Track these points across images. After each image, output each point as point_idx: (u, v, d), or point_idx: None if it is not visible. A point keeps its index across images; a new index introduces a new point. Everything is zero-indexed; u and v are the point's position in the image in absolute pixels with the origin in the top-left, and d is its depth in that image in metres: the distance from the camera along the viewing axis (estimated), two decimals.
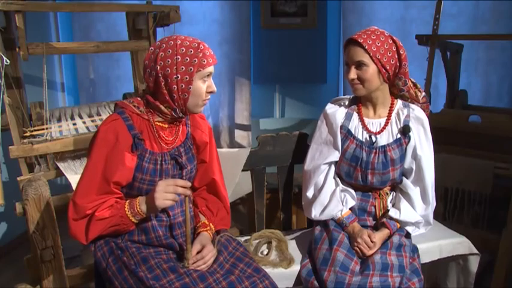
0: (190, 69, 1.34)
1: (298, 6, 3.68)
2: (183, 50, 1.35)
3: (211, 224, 1.54)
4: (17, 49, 2.01)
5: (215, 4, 3.56)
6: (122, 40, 2.64)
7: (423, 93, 1.72)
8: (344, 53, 1.63)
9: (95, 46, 2.19)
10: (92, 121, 2.24)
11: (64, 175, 2.04)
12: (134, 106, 1.43)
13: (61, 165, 2.04)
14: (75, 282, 1.95)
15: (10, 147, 1.85)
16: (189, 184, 1.39)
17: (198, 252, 1.41)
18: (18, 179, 1.89)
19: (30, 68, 2.48)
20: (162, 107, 1.40)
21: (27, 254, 1.79)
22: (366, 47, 1.54)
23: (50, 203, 1.67)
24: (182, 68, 1.34)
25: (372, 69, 1.57)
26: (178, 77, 1.34)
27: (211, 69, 1.39)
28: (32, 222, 1.65)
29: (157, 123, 1.44)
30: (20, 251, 2.89)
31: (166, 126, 1.46)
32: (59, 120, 2.26)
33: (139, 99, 1.46)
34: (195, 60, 1.34)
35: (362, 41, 1.55)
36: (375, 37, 1.56)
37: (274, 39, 3.74)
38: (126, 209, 1.36)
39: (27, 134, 2.01)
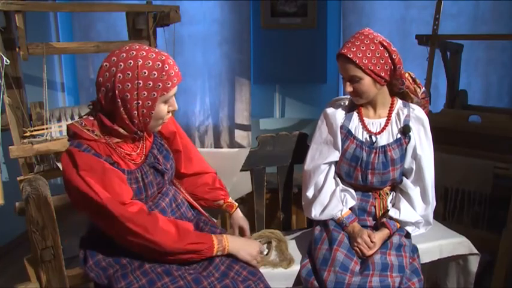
0: (153, 94, 1.23)
1: (298, 6, 3.68)
2: (145, 73, 1.21)
3: (229, 199, 1.68)
4: (17, 49, 2.01)
5: (215, 4, 3.56)
6: (122, 40, 2.64)
7: (423, 89, 1.72)
8: (337, 64, 1.62)
9: (95, 46, 2.19)
10: None
11: None
12: (88, 130, 1.29)
13: (61, 166, 2.04)
14: (75, 282, 1.95)
15: (10, 147, 1.85)
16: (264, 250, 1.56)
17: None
18: (18, 179, 1.89)
19: (30, 68, 2.48)
20: (121, 130, 1.29)
21: (27, 254, 1.79)
22: (357, 61, 1.53)
23: (50, 203, 1.67)
24: (144, 94, 1.22)
25: (366, 81, 1.57)
26: (139, 103, 1.23)
27: (175, 90, 1.29)
28: (32, 222, 1.65)
29: (117, 142, 1.33)
30: (20, 251, 2.89)
31: (127, 141, 1.37)
32: (59, 120, 2.26)
33: (91, 119, 1.32)
34: (159, 85, 1.23)
35: (352, 55, 1.53)
36: (364, 47, 1.53)
37: (274, 39, 3.74)
38: (214, 242, 1.37)
39: (27, 134, 2.01)
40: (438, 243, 1.75)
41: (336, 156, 1.69)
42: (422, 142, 1.66)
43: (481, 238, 2.19)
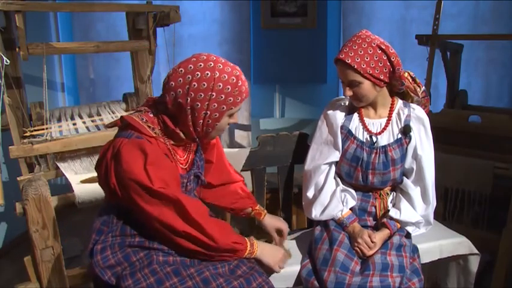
0: (223, 107, 1.26)
1: (298, 6, 3.68)
2: (220, 86, 1.24)
3: (257, 207, 1.68)
4: (17, 49, 2.01)
5: (215, 4, 3.56)
6: (122, 40, 2.64)
7: (423, 88, 1.72)
8: (336, 67, 1.62)
9: (95, 46, 2.19)
10: (92, 121, 2.24)
11: (64, 175, 2.04)
12: (149, 127, 1.30)
13: (61, 165, 2.04)
14: (75, 282, 1.95)
15: (10, 147, 1.85)
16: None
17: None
18: (18, 179, 1.89)
19: (30, 68, 2.48)
20: (181, 134, 1.32)
21: (27, 254, 1.79)
22: (355, 66, 1.52)
23: (50, 203, 1.68)
24: (214, 106, 1.25)
25: (366, 85, 1.56)
26: (207, 113, 1.26)
27: (241, 105, 1.32)
28: (32, 222, 1.66)
29: (173, 144, 1.36)
30: (20, 251, 2.89)
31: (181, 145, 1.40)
32: (59, 120, 2.26)
33: (151, 115, 1.33)
34: (230, 100, 1.26)
35: (350, 60, 1.52)
36: (362, 52, 1.52)
37: (274, 39, 3.74)
38: (248, 244, 1.40)
39: (27, 134, 2.01)
40: (438, 243, 1.75)
41: (336, 156, 1.69)
42: (422, 142, 1.66)
43: (481, 238, 2.18)
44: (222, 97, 1.25)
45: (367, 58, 1.52)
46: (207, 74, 1.24)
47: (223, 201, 1.66)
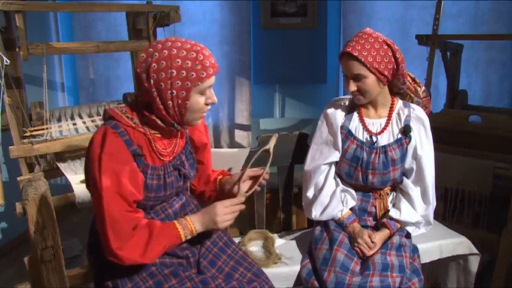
0: (187, 84, 1.22)
1: (298, 6, 3.68)
2: (178, 62, 1.21)
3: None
4: (17, 49, 2.01)
5: (215, 4, 3.56)
6: (122, 40, 2.64)
7: (423, 88, 1.72)
8: (340, 63, 1.61)
9: (95, 46, 2.19)
10: (92, 121, 2.24)
11: (64, 175, 2.04)
12: (127, 118, 1.29)
13: (61, 165, 2.04)
14: (75, 282, 1.95)
15: (10, 147, 1.85)
16: (242, 200, 1.37)
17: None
18: (18, 179, 1.88)
19: (30, 68, 2.48)
20: (158, 121, 1.29)
21: (27, 254, 1.79)
22: (362, 59, 1.51)
23: (50, 203, 1.68)
24: (177, 83, 1.22)
25: (371, 80, 1.56)
26: (173, 92, 1.22)
27: (211, 81, 1.26)
28: (32, 222, 1.66)
29: (154, 134, 1.33)
30: (20, 251, 2.89)
31: (164, 135, 1.36)
32: (59, 120, 2.26)
33: (129, 108, 1.33)
34: (192, 74, 1.22)
35: (357, 53, 1.52)
36: (369, 46, 1.53)
37: (274, 39, 3.74)
38: (179, 229, 1.30)
39: (27, 134, 2.01)
40: (438, 243, 1.75)
41: (336, 156, 1.68)
42: (422, 142, 1.66)
43: (481, 238, 2.19)
44: (183, 73, 1.21)
45: (373, 52, 1.52)
46: (164, 53, 1.22)
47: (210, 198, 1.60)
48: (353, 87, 1.58)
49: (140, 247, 1.23)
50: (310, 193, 1.72)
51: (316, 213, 1.69)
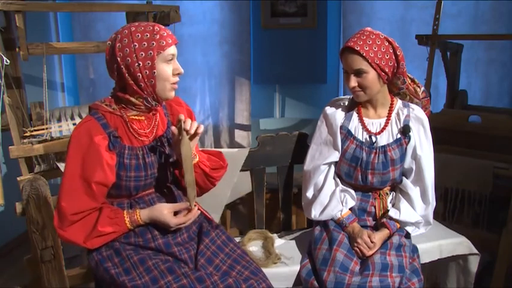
0: (150, 53, 1.32)
1: (298, 6, 3.68)
2: (138, 36, 1.32)
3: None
4: (17, 49, 2.01)
5: (215, 4, 3.56)
6: None
7: (422, 88, 1.72)
8: (341, 59, 1.62)
9: (95, 46, 2.19)
10: None
11: None
12: (106, 105, 1.41)
13: (61, 165, 2.04)
14: (75, 282, 1.96)
15: (10, 147, 1.85)
16: (196, 211, 1.42)
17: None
18: (18, 179, 1.89)
19: (30, 68, 2.48)
20: (132, 99, 1.38)
21: (27, 254, 1.79)
22: (364, 54, 1.52)
23: (50, 203, 1.68)
24: (142, 54, 1.32)
25: (371, 75, 1.56)
26: (140, 64, 1.32)
27: (172, 50, 1.35)
28: (32, 222, 1.66)
29: (133, 117, 1.42)
30: (20, 251, 2.89)
31: (143, 118, 1.44)
32: (59, 120, 2.26)
33: (110, 97, 1.45)
34: (153, 44, 1.32)
35: (359, 48, 1.53)
36: (370, 42, 1.54)
37: (274, 39, 3.74)
38: (126, 221, 1.38)
39: (27, 134, 2.01)
40: (438, 243, 1.75)
41: (335, 156, 1.69)
42: (422, 142, 1.66)
43: (481, 238, 2.19)
44: (145, 44, 1.32)
45: (375, 48, 1.53)
46: (125, 32, 1.35)
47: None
48: (353, 82, 1.58)
49: (84, 232, 1.34)
50: (309, 193, 1.72)
51: (315, 213, 1.69)
